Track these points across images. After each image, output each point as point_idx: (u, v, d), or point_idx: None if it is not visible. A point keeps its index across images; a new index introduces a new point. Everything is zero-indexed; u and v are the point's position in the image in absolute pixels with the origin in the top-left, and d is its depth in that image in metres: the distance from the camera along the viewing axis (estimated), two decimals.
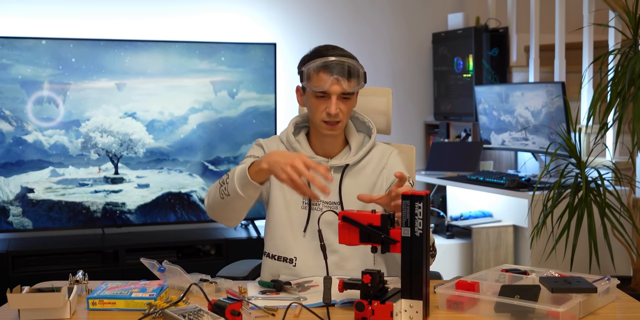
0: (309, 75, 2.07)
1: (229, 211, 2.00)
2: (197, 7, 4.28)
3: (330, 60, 2.04)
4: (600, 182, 3.18)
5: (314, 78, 2.06)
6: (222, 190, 1.95)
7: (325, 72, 2.04)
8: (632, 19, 3.28)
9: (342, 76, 2.03)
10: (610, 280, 1.80)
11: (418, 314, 1.64)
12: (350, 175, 2.14)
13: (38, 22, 3.98)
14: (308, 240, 2.09)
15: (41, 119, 3.77)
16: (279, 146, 2.18)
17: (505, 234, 3.92)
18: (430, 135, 4.78)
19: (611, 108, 3.21)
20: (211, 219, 4.01)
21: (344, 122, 2.10)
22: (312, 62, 2.06)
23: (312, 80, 2.06)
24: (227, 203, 1.96)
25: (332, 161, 2.14)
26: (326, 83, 2.03)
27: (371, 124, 2.22)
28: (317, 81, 2.05)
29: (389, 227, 1.69)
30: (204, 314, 1.64)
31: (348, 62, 2.05)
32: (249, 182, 1.88)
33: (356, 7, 4.61)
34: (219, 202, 1.98)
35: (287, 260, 2.11)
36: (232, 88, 4.03)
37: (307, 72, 2.07)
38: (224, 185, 1.95)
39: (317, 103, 2.07)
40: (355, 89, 2.07)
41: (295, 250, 2.10)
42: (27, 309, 1.70)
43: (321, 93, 2.05)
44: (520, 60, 4.51)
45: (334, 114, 2.04)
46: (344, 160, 2.14)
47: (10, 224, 3.77)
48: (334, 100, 2.04)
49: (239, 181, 1.91)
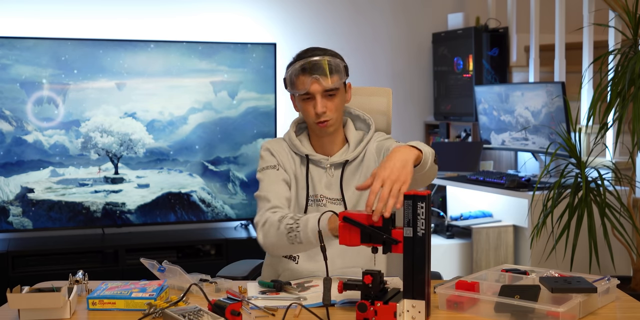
0: (291, 81, 2.12)
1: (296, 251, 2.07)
2: (197, 7, 4.28)
3: (306, 62, 2.08)
4: (600, 182, 3.18)
5: (296, 82, 2.11)
6: (292, 237, 1.97)
7: (304, 74, 2.09)
8: (632, 19, 3.28)
9: (320, 75, 2.07)
10: (610, 280, 1.80)
11: (420, 314, 1.64)
12: (351, 170, 2.16)
13: (38, 22, 3.98)
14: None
15: (41, 119, 3.76)
16: (282, 145, 2.22)
17: (505, 234, 3.92)
18: (430, 135, 4.78)
19: (611, 108, 3.21)
20: (211, 219, 4.08)
21: (335, 119, 2.13)
22: (292, 67, 2.12)
23: (295, 84, 2.11)
24: (298, 248, 2.01)
25: (332, 158, 2.17)
26: (307, 84, 2.08)
27: (370, 120, 2.24)
28: (299, 84, 2.10)
29: (391, 227, 1.69)
30: (204, 314, 1.64)
31: (324, 60, 2.08)
32: (329, 237, 1.89)
33: (356, 7, 4.61)
34: (287, 246, 2.00)
35: (290, 257, 2.13)
36: (232, 88, 4.03)
37: (289, 79, 2.13)
38: (292, 232, 1.97)
39: (305, 106, 2.12)
40: (336, 85, 2.10)
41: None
42: (27, 309, 1.70)
43: (306, 95, 2.10)
44: (520, 60, 4.51)
45: (321, 112, 2.08)
46: (343, 157, 2.17)
47: (10, 224, 3.77)
48: (318, 99, 2.08)
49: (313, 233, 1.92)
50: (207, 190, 4.05)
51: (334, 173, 2.16)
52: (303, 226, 1.95)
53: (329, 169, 2.17)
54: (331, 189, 2.16)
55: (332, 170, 2.16)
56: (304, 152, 2.18)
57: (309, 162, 2.18)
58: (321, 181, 2.16)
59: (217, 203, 4.07)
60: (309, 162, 2.18)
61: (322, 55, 2.11)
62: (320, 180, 2.16)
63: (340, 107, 2.14)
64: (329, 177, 2.16)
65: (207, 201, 4.06)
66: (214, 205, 4.07)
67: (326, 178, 2.17)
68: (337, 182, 2.15)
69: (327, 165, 2.17)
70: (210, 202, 4.06)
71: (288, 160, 2.19)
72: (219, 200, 4.07)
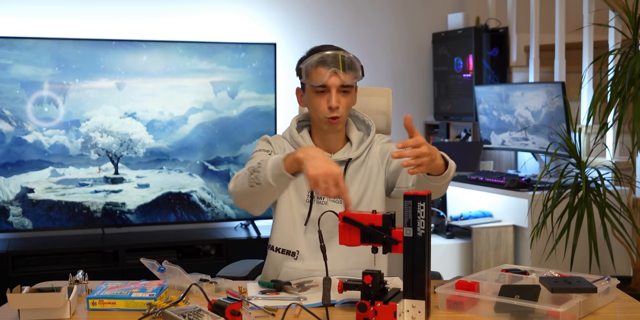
0: (307, 72, 2.10)
1: (255, 199, 1.99)
2: (197, 7, 4.28)
3: (327, 54, 2.08)
4: (600, 182, 3.18)
5: (312, 73, 2.09)
6: (253, 178, 1.92)
7: (323, 66, 2.07)
8: (632, 19, 3.28)
9: (339, 68, 2.06)
10: (610, 280, 1.80)
11: (420, 314, 1.64)
12: (354, 169, 2.16)
13: (38, 22, 3.98)
14: (311, 233, 2.11)
15: (41, 119, 3.76)
16: (284, 142, 2.20)
17: (505, 234, 3.92)
18: (430, 135, 4.78)
19: (611, 108, 3.21)
20: (211, 219, 4.08)
21: (344, 117, 2.13)
22: (310, 58, 2.10)
23: (311, 75, 2.09)
24: (256, 192, 1.93)
25: (334, 156, 2.16)
26: (324, 76, 2.06)
27: (370, 122, 2.24)
28: (315, 75, 2.08)
29: (391, 227, 1.69)
30: (204, 314, 1.64)
31: (344, 55, 2.09)
32: (282, 174, 1.86)
33: (356, 7, 4.61)
34: (247, 190, 1.95)
35: (290, 253, 2.12)
36: (232, 88, 4.03)
37: (305, 69, 2.11)
38: (254, 173, 1.92)
39: (318, 99, 2.10)
40: (353, 82, 2.10)
41: (298, 243, 2.12)
42: (27, 309, 1.70)
43: (321, 87, 2.08)
44: (520, 60, 4.51)
45: (335, 106, 2.07)
46: (346, 155, 2.16)
47: (10, 224, 3.77)
48: (334, 93, 2.07)
49: (271, 171, 1.88)
50: (207, 190, 4.05)
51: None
52: (263, 166, 1.91)
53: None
54: None
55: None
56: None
57: None
58: None
59: (217, 203, 4.07)
60: None
61: (337, 48, 2.12)
62: None
63: (350, 106, 2.14)
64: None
65: (207, 201, 4.06)
66: (214, 205, 4.07)
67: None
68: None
69: None
70: (210, 202, 4.06)
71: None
72: (219, 200, 4.07)
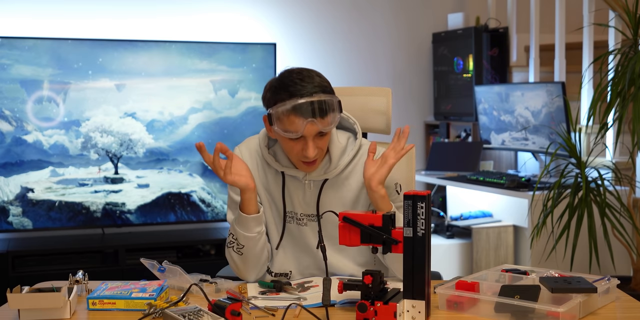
0: (278, 118, 1.84)
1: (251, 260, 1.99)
2: (197, 7, 4.28)
3: (300, 104, 1.81)
4: (600, 182, 3.18)
5: (285, 121, 1.83)
6: (237, 248, 1.97)
7: (297, 115, 1.81)
8: (632, 19, 3.28)
9: (316, 117, 1.82)
10: (610, 280, 1.80)
11: (420, 314, 1.64)
12: (331, 187, 2.00)
13: (38, 22, 3.98)
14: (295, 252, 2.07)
15: (41, 119, 3.76)
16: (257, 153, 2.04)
17: (505, 234, 3.92)
18: (430, 135, 4.78)
19: (611, 108, 3.21)
20: (211, 219, 4.08)
21: (322, 157, 1.95)
22: (281, 106, 1.82)
23: (284, 123, 1.84)
24: (247, 254, 1.97)
25: (310, 175, 1.98)
26: (300, 127, 1.82)
27: (356, 125, 2.04)
28: (289, 125, 1.83)
29: (391, 227, 1.69)
30: (204, 314, 1.64)
31: (320, 100, 1.83)
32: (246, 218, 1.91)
33: (356, 7, 4.61)
34: (240, 258, 1.99)
35: (284, 275, 2.09)
36: (232, 88, 4.03)
37: (275, 115, 1.84)
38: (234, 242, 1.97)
39: (291, 144, 1.88)
40: (332, 127, 1.87)
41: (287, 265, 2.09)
42: (27, 309, 1.69)
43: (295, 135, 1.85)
44: (520, 60, 4.51)
45: (312, 156, 1.88)
46: (323, 174, 1.98)
47: (10, 224, 3.77)
48: (310, 143, 1.85)
49: (241, 227, 1.94)
50: (207, 190, 4.05)
51: (312, 187, 1.99)
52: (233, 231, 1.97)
53: (307, 183, 1.99)
54: (309, 205, 2.00)
55: (311, 185, 1.99)
56: (278, 169, 1.99)
57: (284, 178, 2.00)
58: (299, 197, 2.00)
59: (217, 203, 4.07)
60: (284, 178, 2.00)
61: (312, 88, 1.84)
62: (297, 196, 2.00)
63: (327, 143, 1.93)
64: (307, 191, 1.99)
65: (207, 201, 4.06)
66: (214, 205, 4.07)
67: (304, 193, 2.00)
68: (314, 198, 2.00)
69: (304, 181, 1.99)
70: (210, 202, 4.06)
71: (259, 170, 2.02)
72: (219, 200, 4.07)
